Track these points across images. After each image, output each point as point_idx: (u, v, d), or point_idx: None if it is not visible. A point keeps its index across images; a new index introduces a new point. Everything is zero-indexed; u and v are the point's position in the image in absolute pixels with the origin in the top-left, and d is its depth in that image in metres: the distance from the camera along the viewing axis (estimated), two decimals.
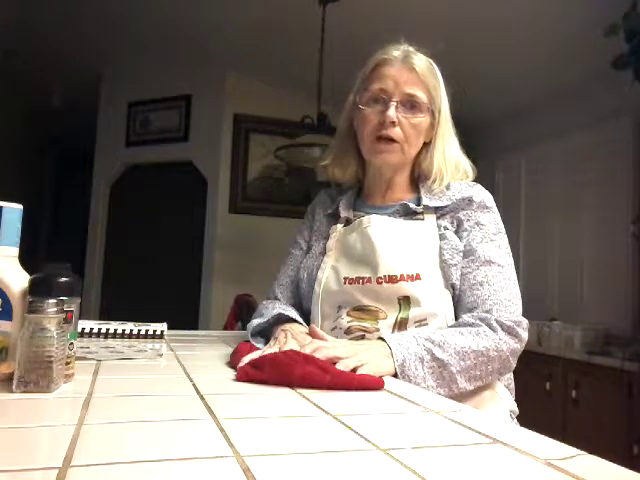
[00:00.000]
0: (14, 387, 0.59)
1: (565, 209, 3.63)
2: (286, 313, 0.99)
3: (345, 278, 1.02)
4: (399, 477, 0.40)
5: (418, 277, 0.96)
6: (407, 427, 0.56)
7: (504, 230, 1.05)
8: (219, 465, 0.41)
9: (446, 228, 1.03)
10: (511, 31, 3.03)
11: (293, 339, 0.87)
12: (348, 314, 0.99)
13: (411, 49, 1.08)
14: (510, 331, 0.92)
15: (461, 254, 0.99)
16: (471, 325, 0.92)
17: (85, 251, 4.23)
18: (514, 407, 1.01)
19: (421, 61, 1.06)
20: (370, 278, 0.99)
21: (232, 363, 0.84)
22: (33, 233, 4.95)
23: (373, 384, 0.72)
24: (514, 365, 0.96)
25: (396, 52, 1.07)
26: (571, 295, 3.50)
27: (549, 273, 3.68)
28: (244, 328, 1.06)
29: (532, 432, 0.54)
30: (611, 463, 0.44)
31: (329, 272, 1.05)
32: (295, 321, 0.98)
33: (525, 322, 0.96)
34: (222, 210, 3.91)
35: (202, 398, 0.62)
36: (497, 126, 4.21)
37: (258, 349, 0.88)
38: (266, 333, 1.00)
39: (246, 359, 0.79)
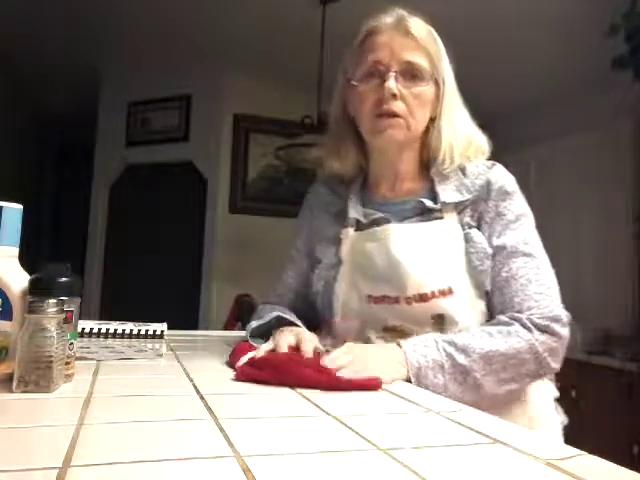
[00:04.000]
0: (14, 387, 0.59)
1: (565, 209, 3.63)
2: (285, 316, 0.96)
3: (369, 296, 0.93)
4: (399, 477, 0.40)
5: (450, 291, 0.89)
6: (407, 427, 0.56)
7: (528, 213, 0.96)
8: (219, 465, 0.41)
9: (470, 225, 0.94)
10: (511, 31, 3.03)
11: (290, 334, 0.85)
12: (376, 336, 0.92)
13: (404, 12, 0.97)
14: (546, 329, 0.85)
15: (490, 257, 0.91)
16: (504, 324, 0.86)
17: (85, 251, 4.23)
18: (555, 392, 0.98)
19: (418, 24, 0.95)
20: (398, 297, 0.91)
21: (231, 363, 0.84)
22: (33, 233, 4.94)
23: (371, 386, 0.72)
24: (556, 365, 0.88)
25: (388, 18, 0.96)
26: (571, 295, 3.50)
27: None
28: (244, 328, 1.05)
29: (532, 432, 0.54)
30: (611, 463, 0.44)
31: (347, 286, 0.96)
32: (295, 325, 0.95)
33: (564, 316, 0.88)
34: (222, 210, 3.91)
35: (202, 398, 0.61)
36: (497, 126, 4.20)
37: (256, 349, 0.87)
38: (265, 335, 0.98)
39: (244, 358, 0.79)
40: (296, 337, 0.84)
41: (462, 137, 0.98)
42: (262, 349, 0.82)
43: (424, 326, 0.89)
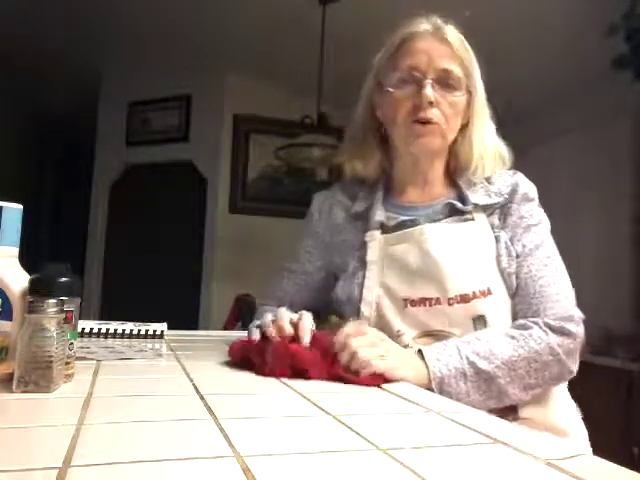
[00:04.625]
0: (14, 387, 0.59)
1: (565, 209, 3.63)
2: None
3: (405, 299, 0.90)
4: (399, 477, 0.40)
5: (490, 292, 0.88)
6: (407, 427, 0.56)
7: (546, 221, 0.99)
8: (219, 465, 0.41)
9: (499, 228, 0.95)
10: (511, 32, 3.03)
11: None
12: (415, 342, 0.88)
13: (440, 20, 0.97)
14: (561, 331, 0.86)
15: (515, 259, 0.91)
16: (522, 327, 0.86)
17: (85, 251, 4.23)
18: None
19: (453, 33, 0.96)
20: (439, 299, 0.88)
21: (229, 356, 0.85)
22: (33, 233, 4.94)
23: (372, 383, 0.72)
24: (574, 367, 0.88)
25: (425, 24, 0.96)
26: None
27: None
28: (244, 328, 1.05)
29: (532, 432, 0.54)
30: (611, 463, 0.44)
31: (379, 291, 0.92)
32: None
33: (577, 315, 0.90)
34: (222, 210, 3.91)
35: (202, 398, 0.61)
36: (497, 127, 4.20)
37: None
38: None
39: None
40: (298, 315, 0.82)
41: (491, 147, 0.99)
42: (267, 317, 0.81)
43: (465, 329, 0.87)
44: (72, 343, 0.66)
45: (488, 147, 0.99)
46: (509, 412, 0.84)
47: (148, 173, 4.07)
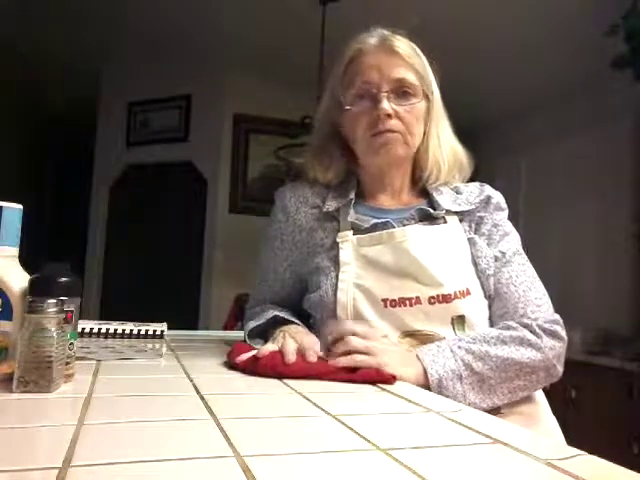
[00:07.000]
0: (14, 387, 0.59)
1: (565, 209, 3.63)
2: (282, 315, 0.96)
3: (384, 300, 0.89)
4: (399, 477, 0.40)
5: (468, 292, 0.89)
6: (407, 427, 0.56)
7: (516, 232, 1.01)
8: (219, 465, 0.41)
9: (470, 233, 0.96)
10: (511, 32, 3.03)
11: (291, 338, 0.84)
12: (400, 342, 0.87)
13: (386, 32, 0.98)
14: (554, 334, 0.87)
15: (494, 263, 0.93)
16: (513, 330, 0.86)
17: (85, 251, 4.23)
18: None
19: (401, 42, 0.96)
20: (418, 298, 0.88)
21: (230, 360, 0.84)
22: (33, 233, 4.94)
23: (379, 378, 0.73)
24: (561, 370, 0.88)
25: (371, 38, 0.97)
26: (571, 295, 3.50)
27: (549, 273, 3.67)
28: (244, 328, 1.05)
29: (532, 432, 0.54)
30: (611, 463, 0.44)
31: (355, 293, 0.90)
32: (292, 323, 0.95)
33: (560, 319, 0.91)
34: (222, 210, 3.91)
35: (202, 398, 0.61)
36: (497, 128, 4.21)
37: (256, 349, 0.87)
38: (263, 335, 0.96)
39: (245, 356, 0.80)
40: (300, 344, 0.82)
41: (448, 151, 1.00)
42: (267, 349, 0.81)
43: (444, 328, 0.87)
44: (72, 343, 0.66)
45: (445, 150, 1.00)
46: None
47: (148, 173, 4.06)
